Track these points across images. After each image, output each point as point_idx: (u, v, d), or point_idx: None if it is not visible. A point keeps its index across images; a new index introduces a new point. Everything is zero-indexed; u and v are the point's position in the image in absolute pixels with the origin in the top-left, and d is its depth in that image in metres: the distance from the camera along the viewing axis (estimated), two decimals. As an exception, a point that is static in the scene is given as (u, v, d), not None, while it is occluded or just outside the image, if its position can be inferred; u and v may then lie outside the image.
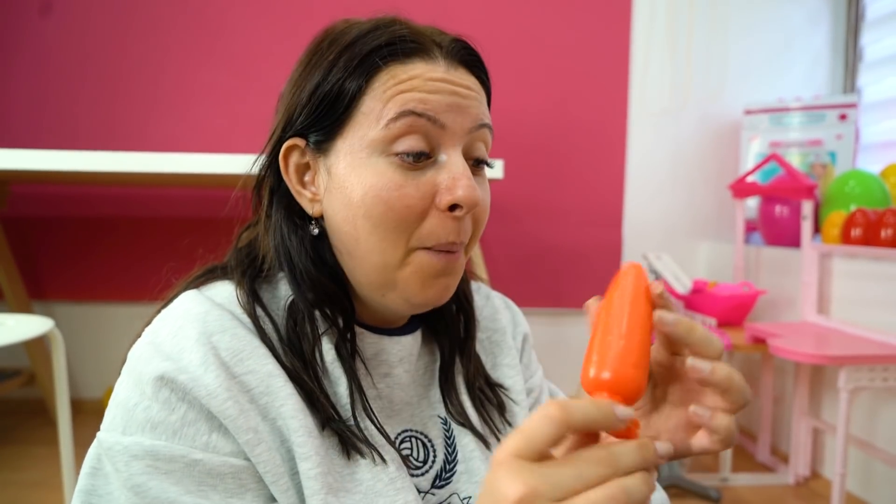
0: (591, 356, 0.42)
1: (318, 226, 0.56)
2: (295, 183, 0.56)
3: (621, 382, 0.40)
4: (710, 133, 2.85)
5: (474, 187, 0.51)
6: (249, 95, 2.60)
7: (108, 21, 2.58)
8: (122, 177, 2.14)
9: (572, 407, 0.37)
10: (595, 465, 0.36)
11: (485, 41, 0.59)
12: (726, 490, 2.11)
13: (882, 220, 1.93)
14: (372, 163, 0.51)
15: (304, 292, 0.54)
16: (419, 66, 0.52)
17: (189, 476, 0.45)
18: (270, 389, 0.49)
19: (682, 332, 0.44)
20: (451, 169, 0.52)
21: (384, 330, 0.58)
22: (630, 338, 0.42)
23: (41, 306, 2.67)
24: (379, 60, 0.51)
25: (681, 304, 2.37)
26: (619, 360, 0.41)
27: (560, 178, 2.78)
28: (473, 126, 0.53)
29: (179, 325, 0.49)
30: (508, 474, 0.36)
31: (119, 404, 0.47)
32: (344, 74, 0.52)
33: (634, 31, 2.78)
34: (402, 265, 0.52)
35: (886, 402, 1.91)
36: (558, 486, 0.36)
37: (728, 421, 0.44)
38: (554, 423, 0.37)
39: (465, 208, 0.51)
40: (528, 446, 0.37)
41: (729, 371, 0.44)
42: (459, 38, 0.55)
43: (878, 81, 2.67)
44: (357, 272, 0.54)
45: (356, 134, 0.52)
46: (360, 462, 0.51)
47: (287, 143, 0.55)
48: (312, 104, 0.53)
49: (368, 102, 0.51)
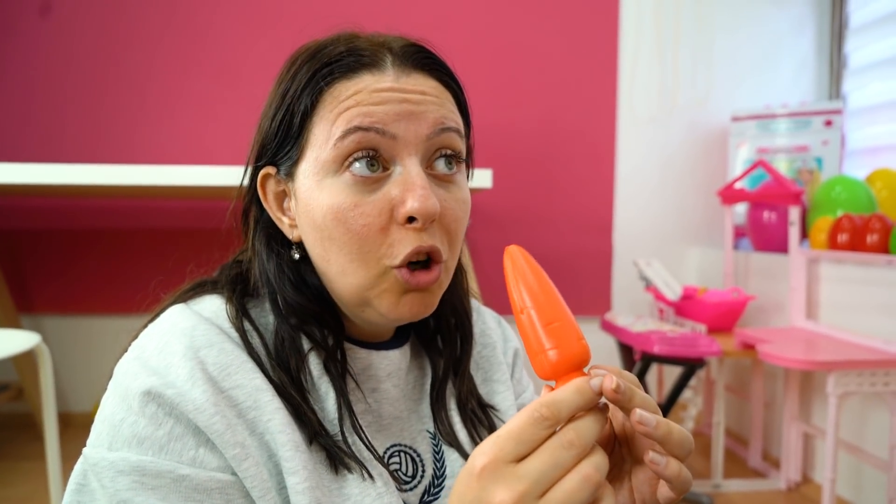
0: (539, 347, 0.43)
1: (300, 250, 0.56)
2: (275, 210, 0.56)
3: (577, 358, 0.42)
4: (697, 140, 2.88)
5: (428, 196, 0.49)
6: (236, 107, 2.60)
7: (94, 33, 2.58)
8: (110, 189, 2.13)
9: (560, 403, 0.39)
10: (567, 448, 0.38)
11: (472, 51, 0.59)
12: (718, 496, 2.11)
13: (868, 226, 1.94)
14: (327, 184, 0.51)
15: (287, 317, 0.54)
16: (365, 78, 0.51)
17: (176, 492, 0.45)
18: (258, 404, 0.49)
19: (625, 402, 0.42)
20: (406, 180, 0.50)
21: (372, 344, 0.58)
22: (561, 315, 0.43)
23: (29, 320, 2.65)
24: (321, 82, 0.51)
25: (671, 310, 2.38)
26: (567, 339, 0.43)
27: (549, 187, 2.79)
28: (432, 132, 0.51)
29: (166, 339, 0.49)
30: (495, 483, 0.37)
31: (105, 419, 0.47)
32: (293, 99, 0.52)
33: (622, 39, 2.80)
34: (374, 284, 0.52)
35: (875, 406, 1.92)
36: (540, 481, 0.37)
37: (678, 467, 0.42)
38: (545, 423, 0.38)
39: (421, 220, 0.49)
40: (516, 449, 0.38)
41: (668, 426, 0.42)
42: (412, 43, 0.54)
43: (863, 87, 2.70)
44: (336, 291, 0.54)
45: (311, 157, 0.52)
46: (348, 477, 0.51)
47: (262, 172, 0.55)
48: (273, 132, 0.54)
49: (319, 124, 0.51)
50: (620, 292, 2.85)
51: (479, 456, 0.38)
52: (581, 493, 0.37)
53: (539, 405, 0.38)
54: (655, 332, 2.06)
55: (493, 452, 0.38)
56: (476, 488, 0.38)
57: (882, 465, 1.83)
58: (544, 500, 0.37)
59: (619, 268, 2.85)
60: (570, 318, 0.44)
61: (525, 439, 0.38)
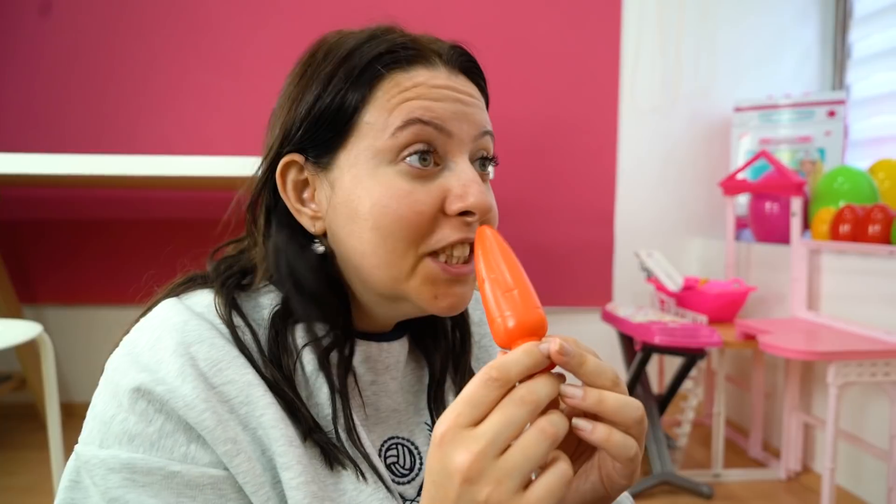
0: (498, 314, 0.44)
1: (322, 243, 0.54)
2: (294, 201, 0.54)
3: (532, 325, 0.44)
4: (700, 130, 2.86)
5: (486, 193, 0.51)
6: (239, 97, 2.59)
7: (95, 24, 2.57)
8: (112, 179, 2.13)
9: (508, 364, 0.40)
10: (520, 405, 0.39)
11: (474, 40, 0.59)
12: (718, 486, 2.12)
13: (870, 216, 1.94)
14: (379, 173, 0.50)
15: (313, 313, 0.53)
16: (422, 72, 0.51)
17: (167, 488, 0.45)
18: (250, 399, 0.48)
19: (575, 366, 0.43)
20: (461, 175, 0.51)
21: (372, 336, 0.58)
22: (519, 285, 0.45)
23: (32, 310, 2.66)
24: (381, 69, 0.50)
25: (673, 301, 2.38)
26: (523, 307, 0.44)
27: (551, 177, 2.78)
28: (478, 133, 0.53)
29: (157, 335, 0.48)
30: (454, 447, 0.38)
31: (96, 416, 0.47)
32: (345, 86, 0.51)
33: (624, 29, 2.79)
34: (410, 276, 0.51)
35: (875, 396, 1.93)
36: (496, 440, 0.38)
37: (606, 432, 0.42)
38: (496, 384, 0.39)
39: (478, 214, 0.51)
40: (472, 413, 0.39)
41: (599, 395, 0.42)
42: (458, 45, 0.55)
43: (867, 77, 2.69)
44: (367, 285, 0.53)
45: (360, 145, 0.51)
46: (343, 472, 0.51)
47: (284, 160, 0.53)
48: (312, 118, 0.52)
49: (372, 112, 0.50)
50: (622, 283, 2.85)
51: (439, 425, 0.40)
52: (538, 448, 0.38)
53: (489, 368, 0.40)
54: (656, 322, 2.06)
55: (451, 419, 0.39)
56: (438, 456, 0.39)
57: (882, 455, 1.84)
58: (503, 458, 0.38)
59: (620, 258, 2.85)
60: (529, 288, 0.45)
61: (478, 402, 0.39)
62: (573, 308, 2.74)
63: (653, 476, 2.04)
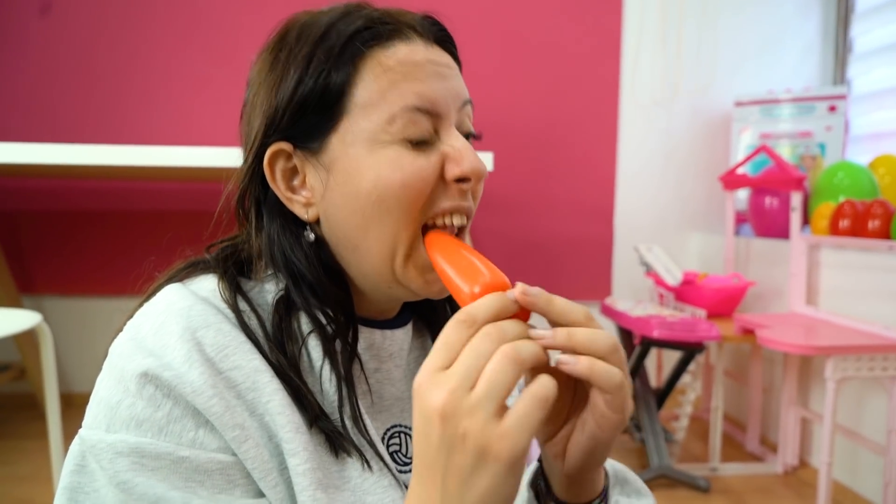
0: (461, 283, 0.47)
1: (313, 231, 0.54)
2: (284, 190, 0.53)
3: (493, 282, 0.45)
4: (700, 125, 2.86)
5: (479, 160, 0.53)
6: (235, 88, 2.57)
7: (86, 14, 2.55)
8: (106, 169, 2.12)
9: (475, 306, 0.41)
10: (484, 337, 0.40)
11: (474, 34, 0.59)
12: (715, 479, 2.13)
13: (870, 212, 1.94)
14: (379, 150, 0.51)
15: (313, 302, 0.53)
16: (401, 47, 0.51)
17: (176, 473, 0.45)
18: (257, 385, 0.48)
19: (543, 305, 0.43)
20: (454, 144, 0.52)
21: (376, 322, 0.58)
22: (479, 259, 0.48)
23: (31, 300, 2.65)
24: (361, 46, 0.50)
25: (672, 295, 2.39)
26: (488, 273, 0.46)
27: (551, 171, 2.78)
28: (460, 103, 0.54)
29: (162, 320, 0.48)
30: (430, 389, 0.39)
31: (101, 401, 0.47)
32: (326, 66, 0.50)
33: (625, 23, 2.78)
34: (407, 257, 0.52)
35: (872, 391, 1.93)
36: (467, 374, 0.39)
37: (588, 363, 0.42)
38: (465, 325, 0.40)
39: (474, 179, 0.53)
40: (446, 356, 0.40)
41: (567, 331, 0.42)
42: (429, 16, 0.55)
43: (868, 73, 2.68)
44: (363, 266, 0.53)
45: (356, 126, 0.51)
46: (348, 460, 0.51)
47: (271, 149, 0.52)
48: (296, 104, 0.51)
49: (361, 93, 0.50)
50: (621, 277, 2.85)
51: (418, 375, 0.40)
52: (504, 374, 0.38)
53: (458, 313, 0.41)
54: (655, 316, 2.06)
55: (427, 366, 0.40)
56: (419, 401, 0.40)
57: (879, 450, 1.85)
58: (475, 391, 0.38)
59: (619, 253, 2.85)
60: (488, 261, 0.48)
61: (450, 344, 0.40)
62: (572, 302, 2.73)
63: (650, 469, 2.05)
